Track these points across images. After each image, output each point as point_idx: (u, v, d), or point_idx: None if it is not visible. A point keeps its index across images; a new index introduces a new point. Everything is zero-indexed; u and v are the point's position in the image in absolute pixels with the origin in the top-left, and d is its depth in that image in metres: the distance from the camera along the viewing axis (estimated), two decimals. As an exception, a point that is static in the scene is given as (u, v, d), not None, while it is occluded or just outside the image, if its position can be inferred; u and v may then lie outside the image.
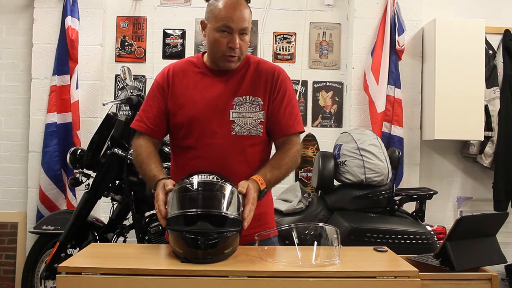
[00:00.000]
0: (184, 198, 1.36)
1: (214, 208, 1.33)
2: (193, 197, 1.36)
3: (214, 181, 1.39)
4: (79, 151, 2.78)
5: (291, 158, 1.64)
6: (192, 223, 1.30)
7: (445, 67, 3.26)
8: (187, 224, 1.31)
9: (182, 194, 1.37)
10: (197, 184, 1.38)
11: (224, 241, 1.31)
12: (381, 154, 2.71)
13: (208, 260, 1.29)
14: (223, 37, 1.56)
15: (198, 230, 1.29)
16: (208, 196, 1.35)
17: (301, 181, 3.43)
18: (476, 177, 3.61)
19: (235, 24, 1.54)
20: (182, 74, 1.67)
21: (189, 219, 1.31)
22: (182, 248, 1.31)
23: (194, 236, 1.29)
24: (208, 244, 1.29)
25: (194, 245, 1.29)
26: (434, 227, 2.64)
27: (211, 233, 1.29)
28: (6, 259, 3.41)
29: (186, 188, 1.37)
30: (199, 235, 1.29)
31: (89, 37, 3.40)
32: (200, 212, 1.31)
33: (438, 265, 1.54)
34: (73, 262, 1.29)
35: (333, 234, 1.37)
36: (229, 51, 1.57)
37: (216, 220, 1.32)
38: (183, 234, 1.30)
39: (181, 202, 1.35)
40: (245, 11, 1.57)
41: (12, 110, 3.47)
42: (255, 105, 1.62)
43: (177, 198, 1.37)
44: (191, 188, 1.37)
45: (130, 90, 2.95)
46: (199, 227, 1.29)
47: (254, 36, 3.61)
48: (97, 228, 2.84)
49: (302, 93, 3.61)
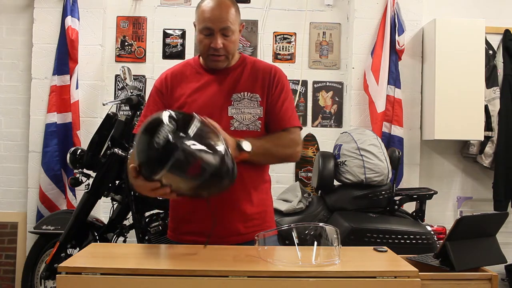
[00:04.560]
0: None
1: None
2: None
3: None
4: (79, 151, 2.78)
5: (287, 144, 1.63)
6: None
7: (445, 67, 3.27)
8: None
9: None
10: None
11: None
12: (381, 154, 2.71)
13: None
14: (206, 38, 1.60)
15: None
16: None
17: (301, 181, 3.43)
18: (476, 177, 3.61)
19: (215, 25, 1.57)
20: (180, 77, 1.69)
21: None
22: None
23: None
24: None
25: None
26: (434, 227, 2.64)
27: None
28: (6, 259, 3.41)
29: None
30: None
31: (89, 37, 3.40)
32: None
33: (438, 265, 1.54)
34: (73, 262, 1.29)
35: (333, 234, 1.37)
36: (212, 51, 1.60)
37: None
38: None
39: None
40: (227, 11, 1.59)
41: (12, 110, 3.47)
42: (253, 101, 1.63)
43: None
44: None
45: (130, 90, 2.95)
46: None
47: (254, 36, 3.61)
48: (97, 228, 2.84)
49: (302, 93, 3.61)
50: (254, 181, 1.65)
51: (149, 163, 1.27)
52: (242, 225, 1.61)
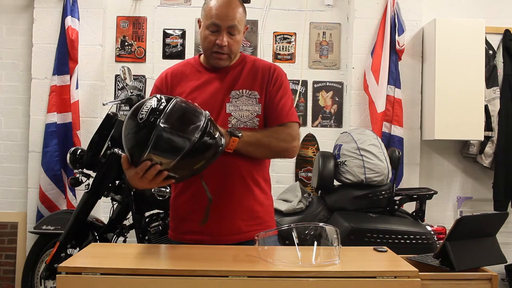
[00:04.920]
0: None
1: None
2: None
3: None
4: (79, 151, 2.78)
5: (283, 134, 1.61)
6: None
7: (445, 67, 3.26)
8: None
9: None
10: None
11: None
12: (381, 154, 2.71)
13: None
14: (212, 34, 1.60)
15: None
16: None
17: (301, 181, 3.44)
18: (476, 177, 3.61)
19: (223, 22, 1.58)
20: (180, 76, 1.70)
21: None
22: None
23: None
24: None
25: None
26: (434, 227, 2.64)
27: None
28: (6, 259, 3.41)
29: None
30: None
31: (89, 37, 3.41)
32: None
33: (438, 265, 1.54)
34: (73, 262, 1.29)
35: (333, 234, 1.37)
36: (217, 48, 1.60)
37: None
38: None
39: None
40: (236, 9, 1.60)
41: (12, 110, 3.47)
42: (252, 99, 1.63)
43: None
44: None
45: (130, 90, 2.96)
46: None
47: (254, 36, 3.61)
48: (97, 228, 2.84)
49: (302, 93, 3.61)
50: (255, 180, 1.65)
51: (134, 147, 1.34)
52: (244, 223, 1.61)
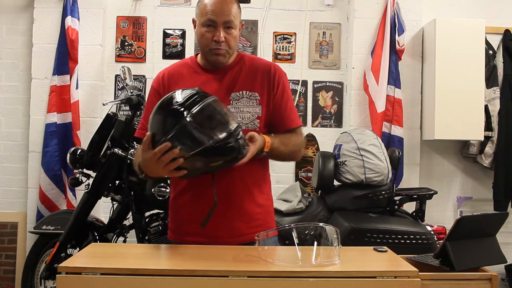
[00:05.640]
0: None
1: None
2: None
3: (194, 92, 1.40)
4: (79, 151, 2.79)
5: (297, 144, 1.68)
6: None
7: (445, 67, 3.26)
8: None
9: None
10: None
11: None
12: (381, 154, 2.71)
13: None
14: (208, 31, 1.60)
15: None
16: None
17: (301, 181, 3.43)
18: (476, 177, 3.60)
19: (218, 18, 1.58)
20: (177, 76, 1.69)
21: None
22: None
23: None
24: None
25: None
26: (434, 227, 2.64)
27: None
28: (6, 259, 3.41)
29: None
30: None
31: (89, 37, 3.40)
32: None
33: (438, 265, 1.54)
34: (73, 262, 1.29)
35: (333, 234, 1.37)
36: (215, 44, 1.60)
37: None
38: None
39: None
40: (231, 5, 1.60)
41: (12, 110, 3.47)
42: (252, 100, 1.63)
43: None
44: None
45: (130, 90, 2.95)
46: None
47: (254, 36, 3.61)
48: (97, 228, 2.84)
49: (302, 93, 3.61)
50: (255, 181, 1.65)
51: (159, 129, 1.36)
52: (244, 225, 1.61)
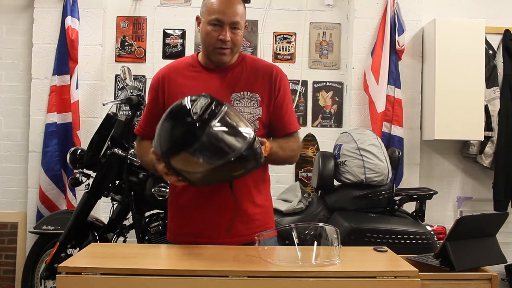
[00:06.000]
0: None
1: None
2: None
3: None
4: (79, 151, 2.79)
5: (294, 149, 1.69)
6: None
7: (445, 67, 3.26)
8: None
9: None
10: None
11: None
12: (381, 154, 2.71)
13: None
14: (214, 30, 1.59)
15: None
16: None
17: (301, 181, 3.43)
18: (476, 177, 3.61)
19: (226, 18, 1.57)
20: (176, 74, 1.68)
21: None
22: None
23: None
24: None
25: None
26: (434, 227, 2.64)
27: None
28: (6, 259, 3.41)
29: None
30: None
31: (89, 37, 3.40)
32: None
33: (438, 265, 1.54)
34: (73, 262, 1.29)
35: (333, 234, 1.37)
36: (220, 43, 1.59)
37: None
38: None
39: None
40: (238, 6, 1.60)
41: (12, 110, 3.47)
42: (253, 101, 1.63)
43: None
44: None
45: (130, 90, 2.95)
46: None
47: (254, 36, 3.61)
48: (97, 228, 2.84)
49: (302, 93, 3.61)
50: (255, 181, 1.65)
51: (173, 145, 1.35)
52: (244, 226, 1.61)
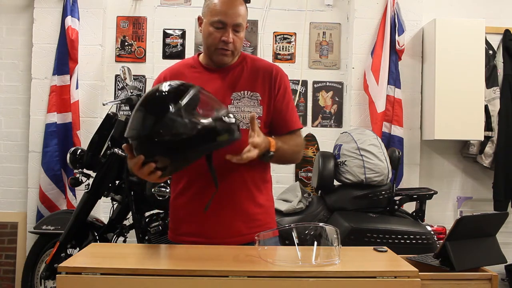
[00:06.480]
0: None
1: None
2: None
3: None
4: (79, 151, 2.79)
5: (298, 144, 1.68)
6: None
7: (445, 67, 3.26)
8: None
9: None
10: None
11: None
12: (381, 154, 2.71)
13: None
14: (217, 31, 1.59)
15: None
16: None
17: (301, 181, 3.44)
18: (476, 177, 3.61)
19: (229, 19, 1.58)
20: (178, 76, 1.68)
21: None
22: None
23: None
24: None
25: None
26: (434, 227, 2.64)
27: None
28: (6, 259, 3.41)
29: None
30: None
31: (89, 37, 3.40)
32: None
33: (438, 265, 1.54)
34: (73, 262, 1.29)
35: (333, 234, 1.36)
36: (222, 44, 1.59)
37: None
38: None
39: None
40: (240, 7, 1.60)
41: (12, 110, 3.47)
42: (254, 100, 1.63)
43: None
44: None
45: (130, 90, 2.96)
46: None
47: (254, 36, 3.61)
48: (97, 228, 2.84)
49: (302, 93, 3.61)
50: (256, 181, 1.65)
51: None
52: (244, 225, 1.61)
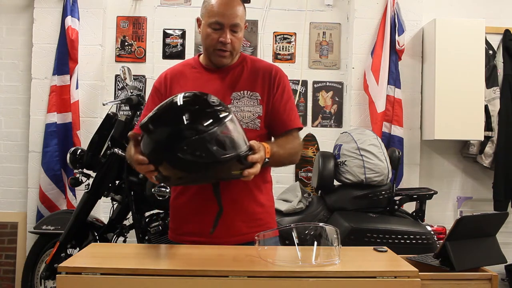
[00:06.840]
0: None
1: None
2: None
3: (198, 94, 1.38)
4: (79, 151, 2.79)
5: (294, 147, 1.66)
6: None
7: (445, 67, 3.26)
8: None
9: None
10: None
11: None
12: (381, 154, 2.71)
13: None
14: (214, 32, 1.60)
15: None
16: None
17: (301, 181, 3.43)
18: (476, 177, 3.61)
19: (226, 20, 1.58)
20: (179, 76, 1.70)
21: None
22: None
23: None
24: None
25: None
26: (434, 227, 2.64)
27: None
28: (6, 259, 3.41)
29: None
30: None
31: (89, 37, 3.40)
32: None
33: (438, 265, 1.54)
34: (73, 262, 1.29)
35: (333, 234, 1.37)
36: (220, 45, 1.60)
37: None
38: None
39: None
40: (238, 8, 1.60)
41: (12, 110, 3.47)
42: (253, 100, 1.63)
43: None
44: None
45: (130, 90, 2.95)
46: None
47: (254, 36, 3.61)
48: (97, 228, 2.84)
49: (302, 93, 3.61)
50: (256, 182, 1.64)
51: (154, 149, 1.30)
52: (245, 225, 1.61)
